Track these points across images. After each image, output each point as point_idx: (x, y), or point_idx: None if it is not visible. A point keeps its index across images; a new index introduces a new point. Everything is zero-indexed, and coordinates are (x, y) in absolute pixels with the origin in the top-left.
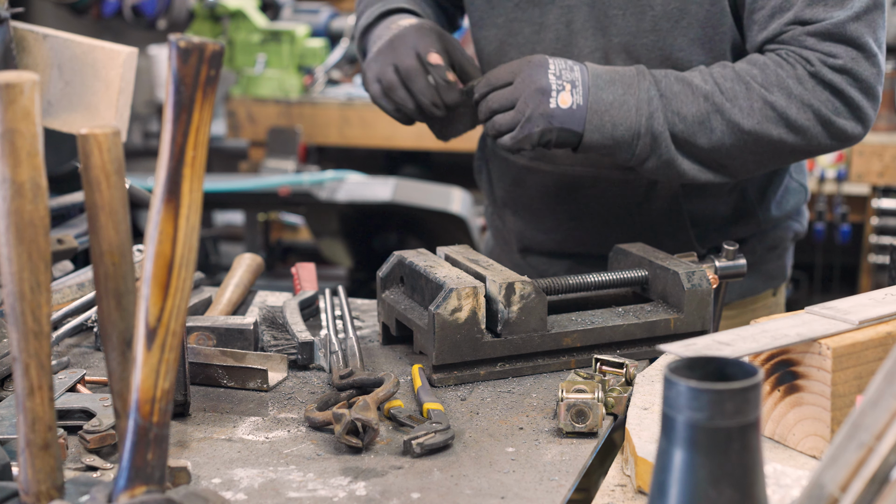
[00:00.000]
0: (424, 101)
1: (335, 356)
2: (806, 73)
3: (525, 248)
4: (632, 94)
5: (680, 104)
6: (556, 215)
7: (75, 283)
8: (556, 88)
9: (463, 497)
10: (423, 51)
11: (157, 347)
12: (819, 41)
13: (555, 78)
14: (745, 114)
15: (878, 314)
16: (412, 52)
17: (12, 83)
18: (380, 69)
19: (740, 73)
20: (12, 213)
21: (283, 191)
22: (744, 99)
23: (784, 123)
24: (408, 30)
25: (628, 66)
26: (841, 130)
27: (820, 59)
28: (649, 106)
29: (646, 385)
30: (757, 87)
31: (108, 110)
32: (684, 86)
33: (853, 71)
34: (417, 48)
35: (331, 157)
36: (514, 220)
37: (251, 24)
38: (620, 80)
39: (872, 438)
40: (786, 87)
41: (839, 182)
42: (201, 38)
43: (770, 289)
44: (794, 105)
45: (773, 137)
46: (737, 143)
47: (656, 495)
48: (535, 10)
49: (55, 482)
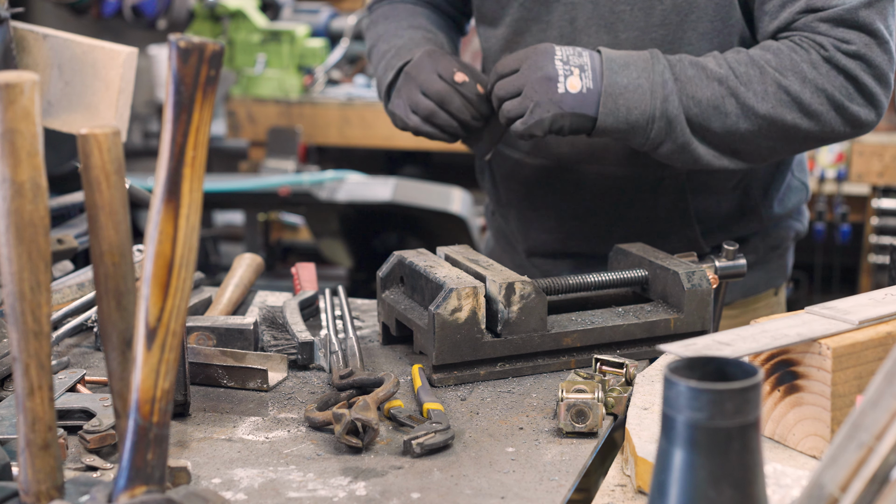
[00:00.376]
0: (466, 117)
1: (335, 356)
2: (820, 57)
3: (529, 249)
4: (646, 78)
5: (694, 88)
6: (560, 213)
7: (75, 283)
8: (563, 73)
9: (463, 497)
10: (446, 72)
11: (157, 347)
12: (832, 27)
13: (562, 63)
14: (759, 98)
15: (878, 314)
16: (435, 76)
17: (12, 83)
18: (410, 101)
19: (754, 57)
20: (12, 213)
21: (283, 191)
22: (758, 83)
23: (798, 108)
24: (421, 58)
25: (642, 51)
26: (854, 116)
27: (834, 45)
28: (664, 89)
29: (646, 385)
30: (771, 71)
31: (108, 110)
32: (698, 70)
33: (867, 57)
34: (438, 71)
35: (331, 157)
36: (518, 220)
37: (251, 24)
38: (635, 63)
39: (872, 438)
40: (800, 71)
41: (839, 182)
42: (201, 38)
43: (772, 288)
44: (808, 89)
45: (787, 122)
46: (751, 127)
47: (656, 495)
48: (541, 9)
49: (55, 482)
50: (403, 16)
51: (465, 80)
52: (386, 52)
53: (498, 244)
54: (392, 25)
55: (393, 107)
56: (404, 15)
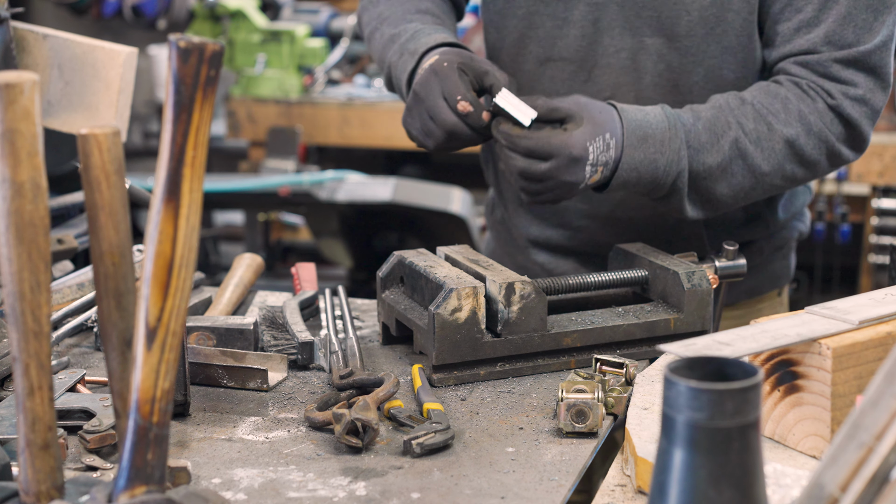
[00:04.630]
0: (477, 142)
1: (335, 356)
2: (826, 106)
3: (532, 244)
4: (662, 154)
5: (706, 155)
6: (569, 213)
7: (75, 283)
8: (588, 175)
9: (463, 497)
10: (451, 98)
11: (157, 347)
12: (843, 68)
13: (590, 168)
14: (765, 156)
15: (878, 314)
16: (442, 102)
17: (12, 83)
18: (424, 127)
19: (761, 111)
20: (12, 213)
21: (283, 191)
22: (766, 140)
23: (798, 159)
24: (427, 75)
25: (661, 115)
26: (842, 159)
27: (841, 91)
28: (678, 165)
29: (646, 385)
30: (779, 127)
31: (108, 110)
32: (711, 135)
33: (870, 101)
34: (445, 94)
35: (331, 157)
36: (523, 215)
37: (251, 24)
38: (653, 136)
39: (872, 438)
40: (806, 123)
41: (839, 182)
42: (201, 38)
43: (776, 288)
44: (811, 141)
45: (787, 173)
46: (752, 185)
47: (656, 495)
48: (558, 5)
49: (55, 482)
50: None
51: (468, 112)
52: (397, 36)
53: (499, 238)
54: (397, 8)
55: (408, 126)
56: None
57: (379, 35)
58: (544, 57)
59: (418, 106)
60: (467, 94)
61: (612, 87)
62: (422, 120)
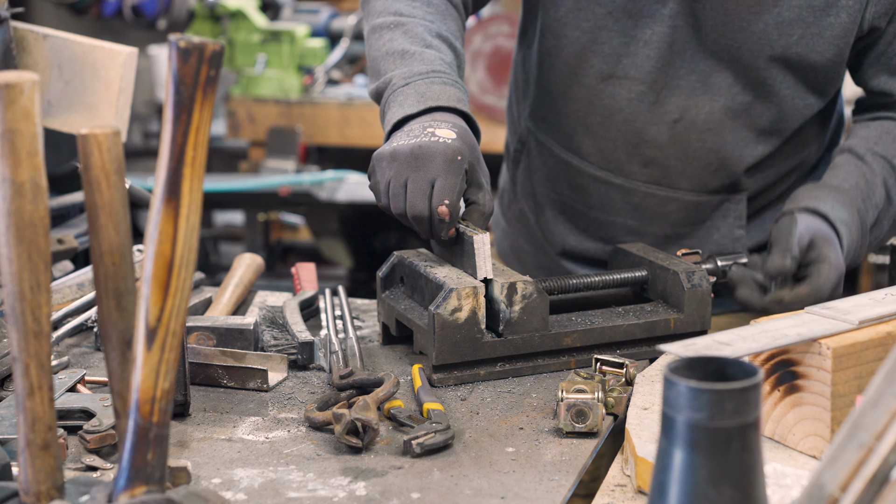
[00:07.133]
0: (423, 237)
1: (335, 356)
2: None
3: (566, 254)
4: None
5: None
6: (615, 228)
7: (75, 283)
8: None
9: (463, 497)
10: (439, 194)
11: (157, 347)
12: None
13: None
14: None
15: (878, 314)
16: (428, 187)
17: (12, 83)
18: (394, 186)
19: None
20: (12, 213)
21: (283, 191)
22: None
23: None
24: (435, 151)
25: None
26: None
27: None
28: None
29: (646, 385)
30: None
31: (108, 110)
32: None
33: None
34: (437, 185)
35: (331, 157)
36: (561, 222)
37: (251, 24)
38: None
39: (872, 438)
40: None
41: None
42: (201, 38)
43: None
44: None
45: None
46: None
47: (656, 495)
48: (628, 22)
49: (55, 482)
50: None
51: (442, 218)
52: (410, 56)
53: (524, 235)
54: (419, 19)
55: (380, 171)
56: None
57: (389, 37)
58: (608, 73)
59: (405, 168)
60: (455, 203)
61: (680, 109)
62: (397, 179)
